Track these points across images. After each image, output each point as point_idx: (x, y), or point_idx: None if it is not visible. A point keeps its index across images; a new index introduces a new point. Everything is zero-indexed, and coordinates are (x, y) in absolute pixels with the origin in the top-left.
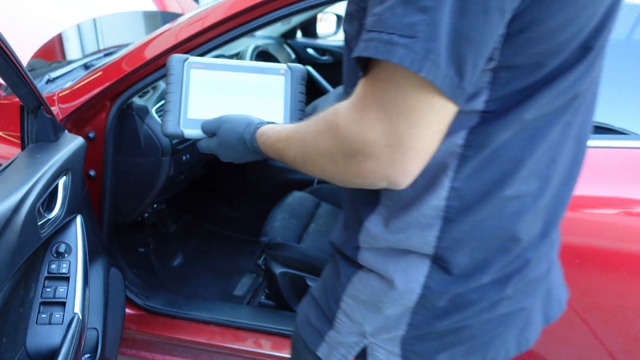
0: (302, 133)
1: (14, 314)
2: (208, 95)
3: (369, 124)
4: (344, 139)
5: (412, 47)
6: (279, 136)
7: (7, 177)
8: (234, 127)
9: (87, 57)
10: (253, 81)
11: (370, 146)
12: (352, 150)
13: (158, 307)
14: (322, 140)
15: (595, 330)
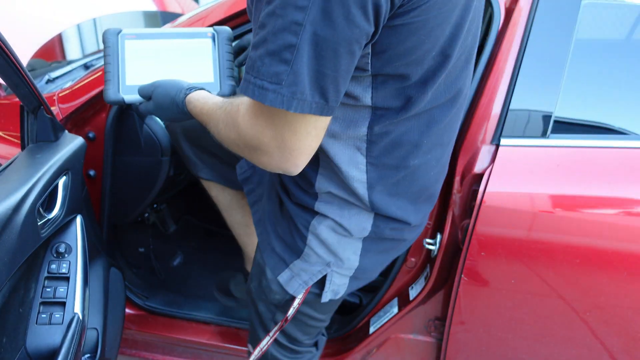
0: (217, 117)
1: (14, 314)
2: (142, 62)
3: (260, 129)
4: (244, 136)
5: (280, 91)
6: (202, 110)
7: (7, 177)
8: (167, 91)
9: (87, 57)
10: (183, 46)
11: (263, 146)
12: (251, 145)
13: (158, 307)
14: (229, 131)
15: (596, 330)
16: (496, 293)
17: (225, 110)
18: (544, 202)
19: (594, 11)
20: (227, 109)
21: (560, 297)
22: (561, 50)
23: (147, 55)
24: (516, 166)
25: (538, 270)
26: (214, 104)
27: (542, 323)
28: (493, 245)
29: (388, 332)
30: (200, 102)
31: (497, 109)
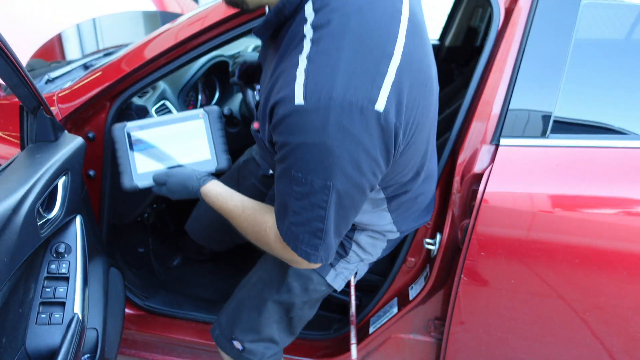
0: (241, 222)
1: (14, 314)
2: (148, 150)
3: (294, 257)
4: (276, 253)
5: (318, 255)
6: (220, 206)
7: (6, 177)
8: (181, 181)
9: (86, 57)
10: (179, 129)
11: (294, 263)
12: (284, 260)
13: (157, 307)
14: (259, 241)
15: (595, 330)
16: (496, 293)
17: (248, 221)
18: (543, 202)
19: (593, 11)
20: (252, 222)
21: (560, 297)
22: (561, 50)
23: (150, 143)
24: (516, 166)
25: (538, 270)
26: (234, 207)
27: (541, 323)
28: (493, 245)
29: (388, 332)
30: (217, 199)
31: (497, 109)
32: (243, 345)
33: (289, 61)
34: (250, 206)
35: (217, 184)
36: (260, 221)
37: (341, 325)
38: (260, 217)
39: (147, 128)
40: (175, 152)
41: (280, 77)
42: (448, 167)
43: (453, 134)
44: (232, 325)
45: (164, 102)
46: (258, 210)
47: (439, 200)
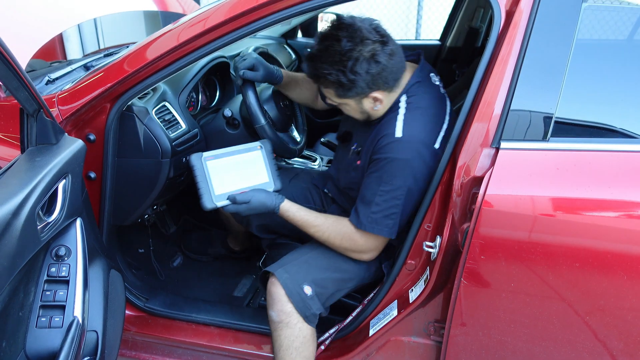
0: (322, 228)
1: (14, 317)
2: (222, 175)
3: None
4: (359, 246)
5: (390, 230)
6: (303, 218)
7: (6, 180)
8: (261, 200)
9: (87, 56)
10: (245, 158)
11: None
12: (360, 250)
13: (158, 309)
14: (341, 241)
15: (597, 333)
16: (496, 296)
17: (333, 226)
18: (544, 205)
19: (594, 14)
20: (336, 227)
21: (561, 300)
22: (562, 52)
23: (224, 170)
24: (516, 169)
25: (538, 273)
26: (316, 218)
27: (542, 326)
28: (493, 248)
29: (388, 334)
30: (299, 212)
31: (498, 111)
32: (313, 291)
33: (389, 118)
34: (330, 217)
35: (290, 202)
36: (344, 224)
37: (341, 328)
38: (343, 222)
39: (219, 157)
40: (241, 176)
41: (383, 125)
42: (448, 169)
43: (453, 136)
44: (305, 274)
45: (164, 103)
46: (338, 218)
47: (439, 203)
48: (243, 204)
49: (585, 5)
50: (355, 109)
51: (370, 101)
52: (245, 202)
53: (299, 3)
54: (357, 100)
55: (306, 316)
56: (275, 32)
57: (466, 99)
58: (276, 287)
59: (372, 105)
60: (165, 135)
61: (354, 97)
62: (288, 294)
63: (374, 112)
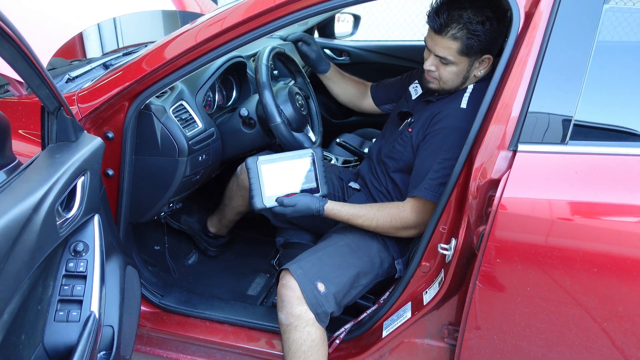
0: (372, 215)
1: (33, 311)
2: (274, 179)
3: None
4: (408, 221)
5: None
6: (350, 213)
7: (27, 176)
8: (306, 203)
9: (106, 55)
10: (295, 164)
11: (418, 225)
12: (408, 226)
13: (172, 306)
14: (392, 221)
15: (614, 340)
16: (511, 300)
17: (380, 209)
18: (561, 209)
19: (616, 15)
20: (383, 209)
21: (578, 305)
22: (582, 54)
23: (276, 173)
24: (534, 172)
25: (555, 277)
26: (361, 208)
27: (558, 331)
28: (509, 252)
29: (401, 336)
30: (343, 209)
31: (516, 113)
32: (327, 288)
33: (457, 95)
34: (373, 205)
35: (332, 202)
36: (391, 205)
37: (353, 328)
38: (388, 204)
39: (273, 162)
40: (291, 180)
41: (445, 104)
42: (464, 171)
43: (470, 137)
44: (317, 270)
45: (182, 102)
46: (381, 204)
47: (454, 205)
48: (289, 207)
49: (607, 7)
50: (462, 72)
51: (478, 64)
52: (291, 205)
53: (317, 3)
54: (471, 61)
55: (317, 313)
56: (291, 32)
57: (484, 100)
58: (286, 289)
59: (478, 69)
60: (182, 133)
61: (473, 57)
62: (302, 289)
63: (472, 77)
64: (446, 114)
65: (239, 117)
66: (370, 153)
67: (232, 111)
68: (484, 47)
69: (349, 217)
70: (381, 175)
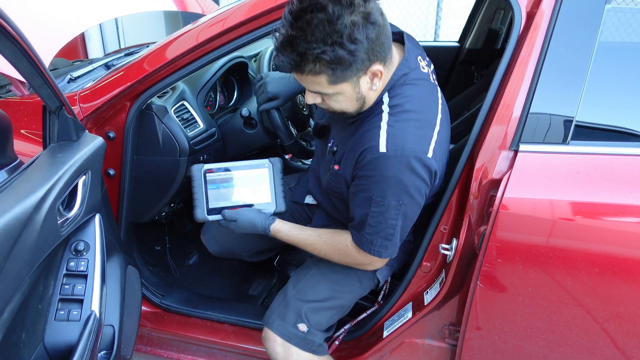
0: (319, 245)
1: (33, 310)
2: (220, 190)
3: (372, 260)
4: (357, 260)
5: (387, 252)
6: (297, 237)
7: (29, 175)
8: (250, 220)
9: (108, 56)
10: (248, 174)
11: (372, 265)
12: (361, 264)
13: (173, 306)
14: (340, 256)
15: (615, 340)
16: (512, 300)
17: (328, 243)
18: (563, 209)
19: (618, 16)
20: (331, 243)
21: (579, 305)
22: (583, 55)
23: (222, 184)
24: (535, 172)
25: (556, 278)
26: (309, 236)
27: (559, 332)
28: (510, 252)
29: (402, 336)
30: (291, 232)
31: (517, 114)
32: (308, 325)
33: (371, 125)
34: (324, 232)
35: (282, 222)
36: (339, 240)
37: (354, 329)
38: (338, 238)
39: (220, 171)
40: (241, 193)
41: (365, 134)
42: (465, 171)
43: (472, 137)
44: (294, 312)
45: (183, 102)
46: (333, 233)
47: (455, 205)
48: (232, 222)
49: (609, 7)
50: (351, 96)
51: (368, 80)
52: (232, 219)
53: None
54: (354, 82)
55: (313, 350)
56: None
57: (485, 101)
58: (269, 342)
59: (370, 85)
60: (184, 133)
61: (352, 78)
62: (285, 339)
63: (371, 94)
64: (368, 159)
65: (240, 117)
66: (314, 172)
67: (234, 111)
68: (360, 65)
69: (296, 242)
70: (335, 200)
